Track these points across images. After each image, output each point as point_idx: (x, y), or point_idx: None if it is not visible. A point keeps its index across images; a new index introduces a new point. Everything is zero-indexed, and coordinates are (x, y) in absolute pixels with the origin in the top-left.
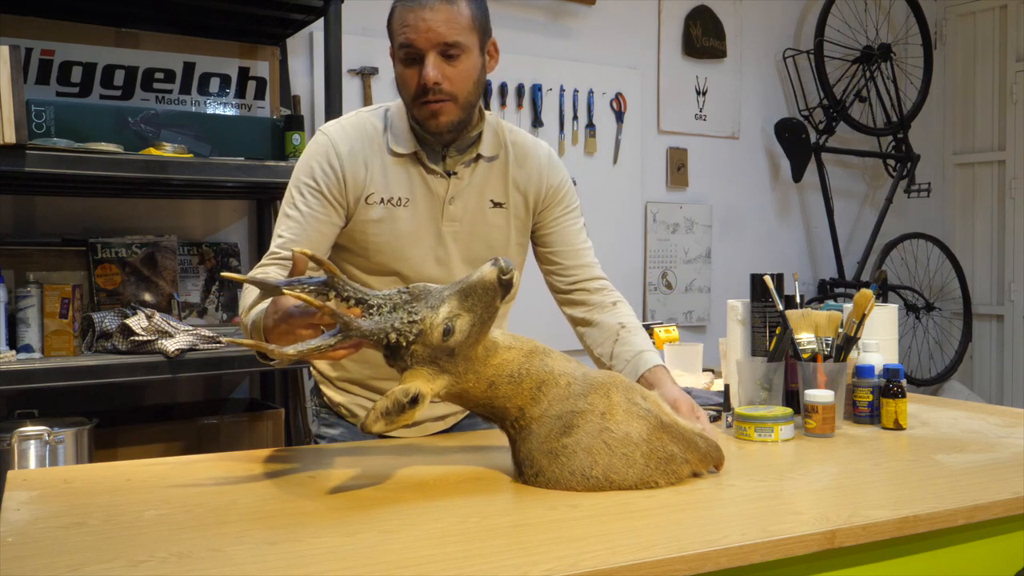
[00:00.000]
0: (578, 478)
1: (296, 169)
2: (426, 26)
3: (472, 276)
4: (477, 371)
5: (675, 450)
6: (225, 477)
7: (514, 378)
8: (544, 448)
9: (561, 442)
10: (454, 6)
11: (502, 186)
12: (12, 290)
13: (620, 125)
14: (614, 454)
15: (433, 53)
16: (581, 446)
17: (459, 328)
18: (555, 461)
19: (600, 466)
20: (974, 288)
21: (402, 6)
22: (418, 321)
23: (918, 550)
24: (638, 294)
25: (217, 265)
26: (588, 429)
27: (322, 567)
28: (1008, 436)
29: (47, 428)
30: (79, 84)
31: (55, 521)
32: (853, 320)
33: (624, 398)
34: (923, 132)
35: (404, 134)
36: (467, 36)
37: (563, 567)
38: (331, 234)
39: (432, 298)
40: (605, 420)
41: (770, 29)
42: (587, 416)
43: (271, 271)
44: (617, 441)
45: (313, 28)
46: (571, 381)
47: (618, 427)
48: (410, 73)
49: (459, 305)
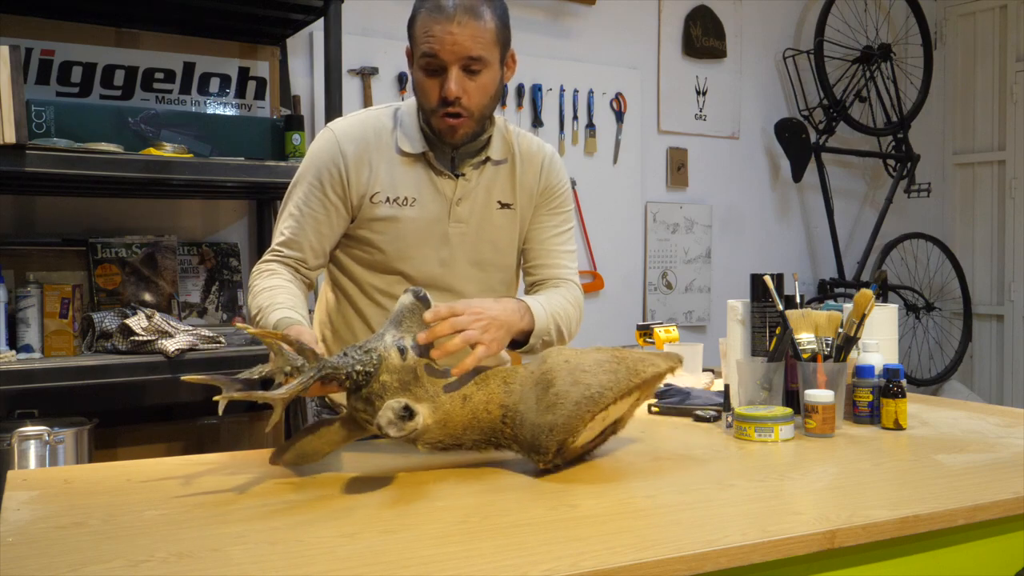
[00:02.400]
0: (584, 403)
1: (302, 165)
2: (452, 40)
3: (395, 309)
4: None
5: (640, 355)
6: (225, 477)
7: (479, 382)
8: (541, 408)
9: (550, 394)
10: (481, 21)
11: (510, 188)
12: (12, 290)
13: (620, 125)
14: (597, 374)
15: (456, 67)
16: (568, 384)
17: (409, 345)
18: (556, 410)
19: (593, 387)
20: (974, 288)
21: (428, 15)
22: (372, 350)
23: (918, 550)
24: (638, 294)
25: (217, 265)
26: (563, 376)
27: (322, 567)
28: (1008, 436)
29: (47, 428)
30: (79, 84)
31: (55, 521)
32: (853, 320)
33: (572, 350)
34: (923, 132)
35: (414, 134)
36: (490, 51)
37: (563, 567)
38: (332, 233)
39: (372, 340)
40: (571, 364)
41: (770, 29)
42: (556, 371)
43: (275, 268)
44: (591, 366)
45: (313, 28)
46: (522, 361)
47: (584, 360)
48: (431, 83)
49: (397, 330)
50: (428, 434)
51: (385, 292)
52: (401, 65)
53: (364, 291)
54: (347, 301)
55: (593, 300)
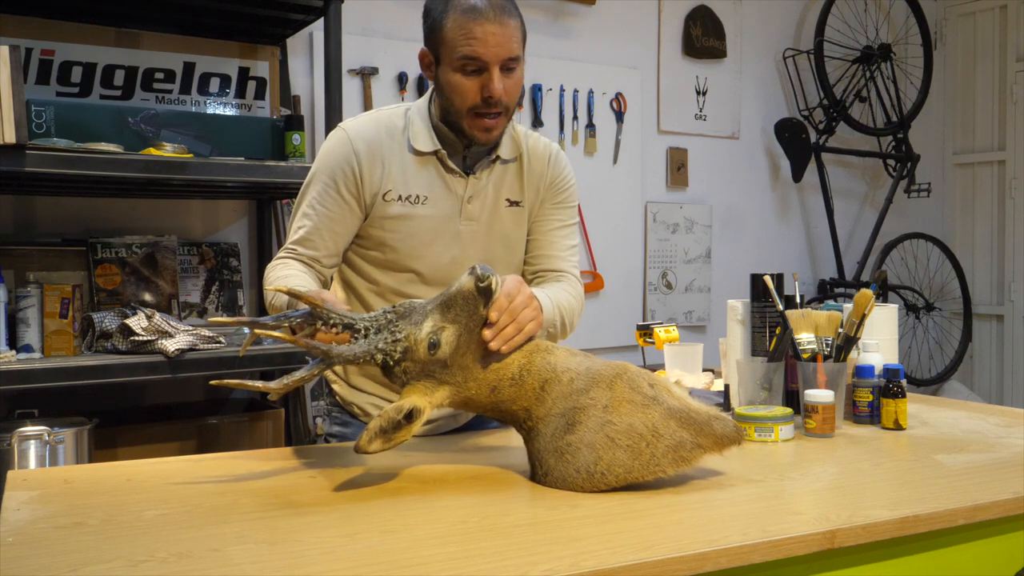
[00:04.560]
0: (583, 475)
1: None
2: (495, 41)
3: (451, 287)
4: (477, 378)
5: (685, 436)
6: (225, 477)
7: (516, 380)
8: (550, 447)
9: (565, 440)
10: (514, 19)
11: (519, 186)
12: (12, 290)
13: (620, 125)
14: (618, 447)
15: (497, 67)
16: (584, 442)
17: (445, 340)
18: (561, 460)
19: (604, 461)
20: (974, 288)
21: (464, 16)
22: (401, 339)
23: (918, 550)
24: (638, 294)
25: (217, 265)
26: (591, 425)
27: (322, 567)
28: (1008, 436)
29: (47, 428)
30: (79, 84)
31: (55, 521)
32: (853, 320)
33: (628, 387)
34: (923, 132)
35: (426, 133)
36: (521, 48)
37: (563, 567)
38: (346, 232)
39: (416, 314)
40: (608, 413)
41: (770, 29)
42: (589, 411)
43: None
44: (620, 434)
45: (313, 28)
46: (574, 377)
47: (621, 419)
48: (470, 84)
49: (442, 318)
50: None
51: (397, 291)
52: (401, 65)
53: (376, 290)
54: (358, 300)
55: (593, 300)
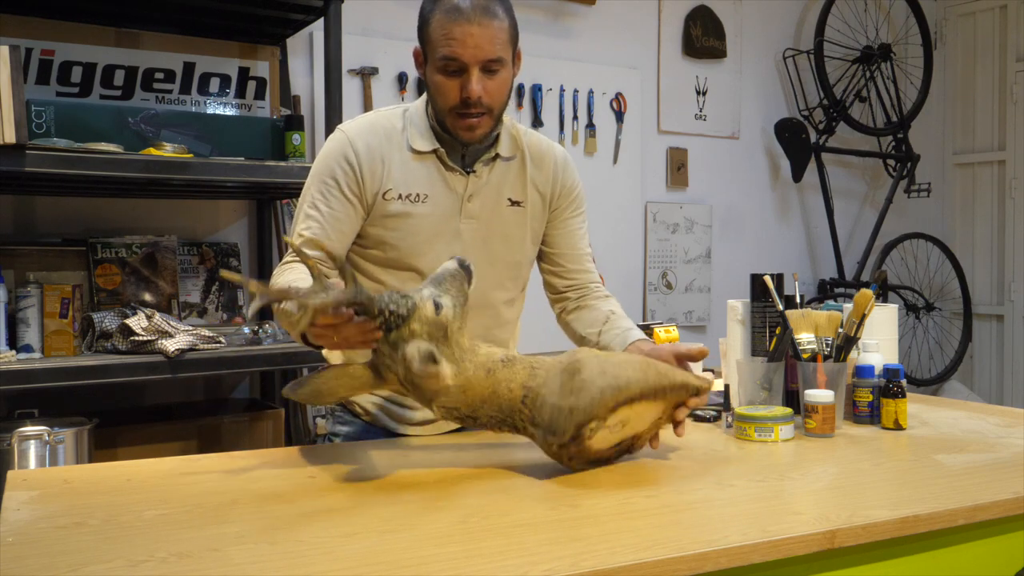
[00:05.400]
0: (610, 392)
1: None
2: (474, 42)
3: (437, 271)
4: (471, 360)
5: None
6: (225, 477)
7: (506, 362)
8: (564, 392)
9: (576, 380)
10: (497, 20)
11: (520, 185)
12: (12, 290)
13: (620, 125)
14: (626, 368)
15: (477, 68)
16: (596, 372)
17: (446, 304)
18: (581, 394)
19: (622, 377)
20: (974, 288)
21: (445, 16)
22: (408, 297)
23: (918, 550)
24: (638, 294)
25: (217, 265)
26: (592, 366)
27: (322, 567)
28: (1008, 436)
29: (47, 428)
30: (79, 84)
31: (55, 521)
32: (853, 320)
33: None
34: (923, 132)
35: (425, 132)
36: (506, 49)
37: (563, 567)
38: (350, 231)
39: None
40: (601, 357)
41: (770, 29)
42: (585, 361)
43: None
44: (622, 361)
45: (313, 28)
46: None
47: (615, 357)
48: (450, 84)
49: (436, 289)
50: (446, 397)
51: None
52: (401, 65)
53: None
54: None
55: None
